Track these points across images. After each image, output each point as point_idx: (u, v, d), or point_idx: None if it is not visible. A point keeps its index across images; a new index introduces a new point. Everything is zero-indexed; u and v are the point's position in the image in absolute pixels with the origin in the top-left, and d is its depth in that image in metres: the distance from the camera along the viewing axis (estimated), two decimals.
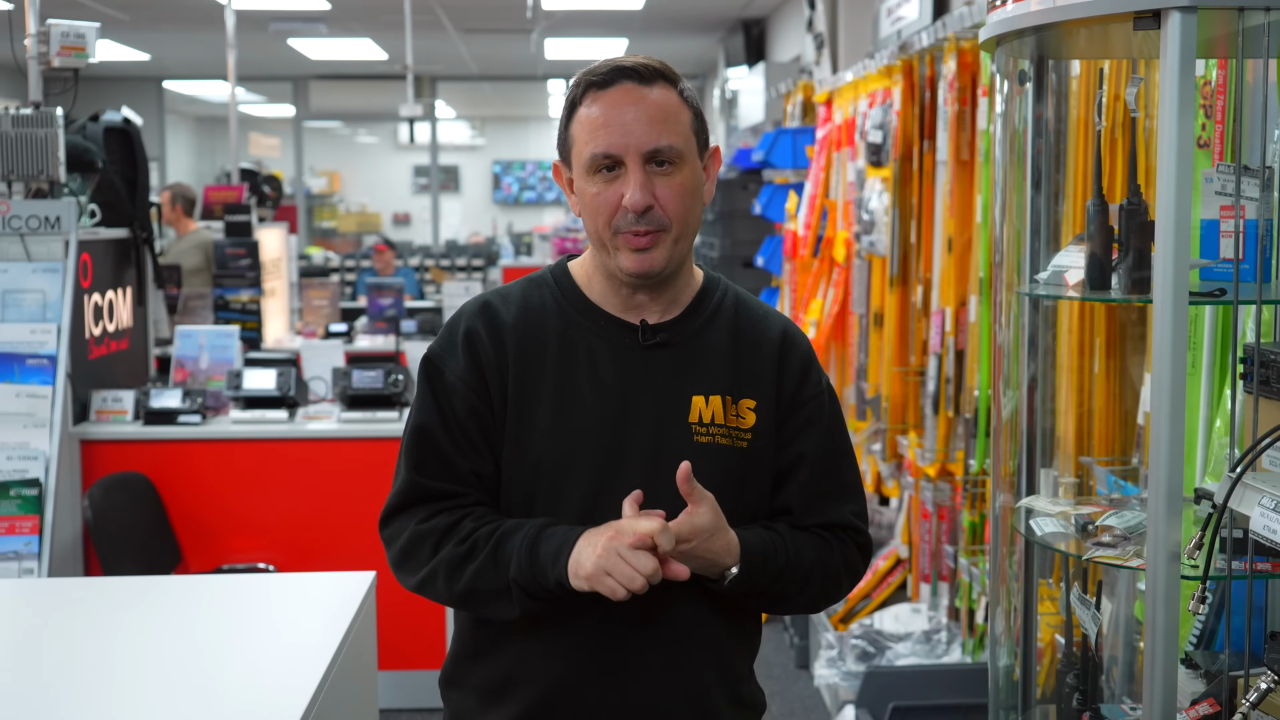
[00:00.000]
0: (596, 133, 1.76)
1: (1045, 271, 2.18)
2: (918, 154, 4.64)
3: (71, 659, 2.22)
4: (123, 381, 4.86)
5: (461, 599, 1.81)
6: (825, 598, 1.88)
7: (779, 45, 10.34)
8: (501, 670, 1.85)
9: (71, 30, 4.47)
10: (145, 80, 15.51)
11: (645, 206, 1.75)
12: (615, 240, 1.78)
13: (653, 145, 1.75)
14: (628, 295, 1.85)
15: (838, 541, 1.87)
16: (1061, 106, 2.74)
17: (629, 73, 1.79)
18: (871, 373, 5.14)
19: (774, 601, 1.85)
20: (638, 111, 1.76)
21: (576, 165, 1.81)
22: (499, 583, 1.76)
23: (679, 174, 1.78)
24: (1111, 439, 2.91)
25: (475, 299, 1.90)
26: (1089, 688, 2.20)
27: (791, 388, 1.87)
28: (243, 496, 4.58)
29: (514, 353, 1.83)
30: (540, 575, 1.73)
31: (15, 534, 4.12)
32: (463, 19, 11.17)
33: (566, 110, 1.83)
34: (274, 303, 7.21)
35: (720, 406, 1.83)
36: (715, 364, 1.84)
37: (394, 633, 3.57)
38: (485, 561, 1.76)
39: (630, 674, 1.81)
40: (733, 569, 1.75)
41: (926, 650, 4.14)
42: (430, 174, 17.49)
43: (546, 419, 1.81)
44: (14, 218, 4.35)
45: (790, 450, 1.86)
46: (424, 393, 1.86)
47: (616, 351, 1.83)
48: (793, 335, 1.91)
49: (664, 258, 1.78)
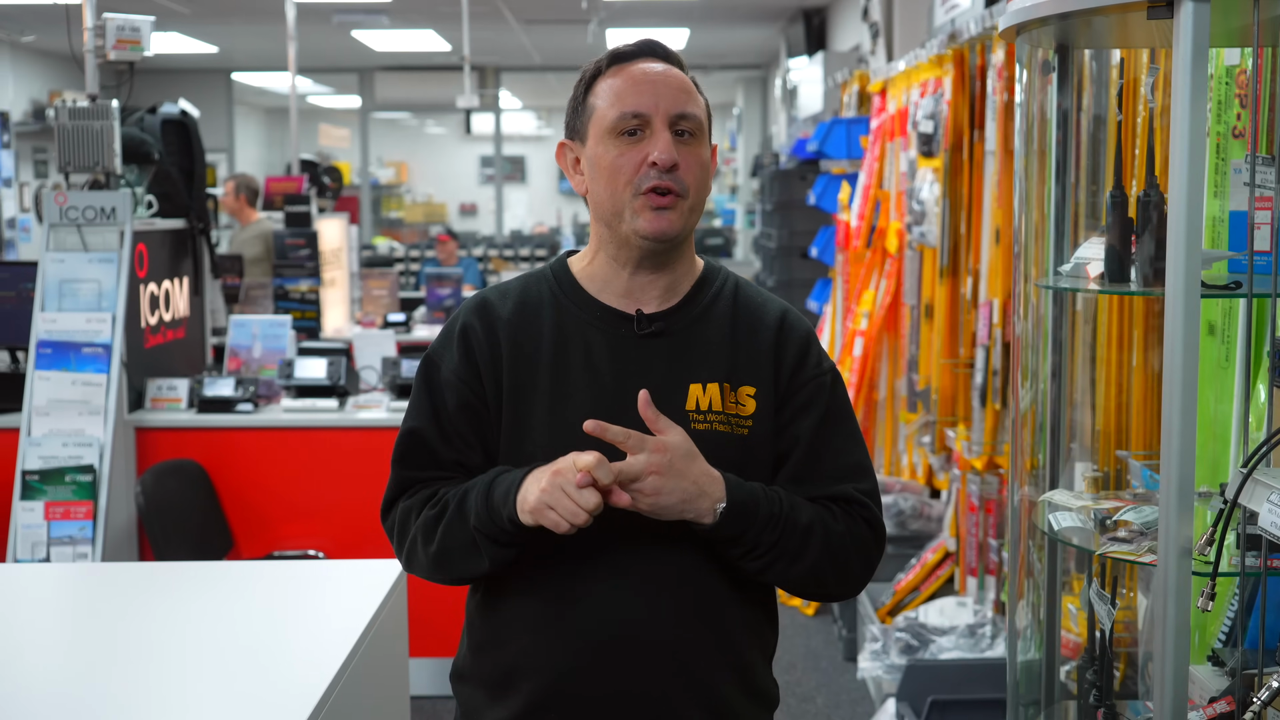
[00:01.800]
0: (624, 94, 1.82)
1: (1068, 263, 2.16)
2: (968, 144, 4.60)
3: (121, 640, 2.38)
4: (179, 370, 4.94)
5: (437, 561, 1.83)
6: (833, 571, 1.82)
7: (839, 34, 10.29)
8: (506, 662, 1.86)
9: (127, 24, 4.54)
10: (214, 72, 15.71)
11: (673, 163, 1.79)
12: (635, 202, 1.80)
13: (680, 109, 1.81)
14: (629, 276, 1.86)
15: (840, 510, 1.84)
16: (1102, 96, 2.71)
17: (654, 49, 1.87)
18: (922, 365, 5.10)
19: (774, 559, 1.78)
20: (665, 78, 1.83)
21: (595, 132, 1.84)
22: (466, 536, 1.79)
23: (698, 146, 1.84)
24: (1149, 433, 2.87)
25: (475, 296, 1.93)
26: (1105, 683, 2.18)
27: (789, 371, 1.87)
28: (294, 484, 4.64)
29: (509, 346, 1.85)
30: (496, 517, 1.75)
31: (70, 519, 4.21)
32: (522, 9, 11.21)
33: (584, 85, 1.87)
34: (334, 292, 7.29)
35: (718, 394, 1.83)
36: (713, 352, 1.85)
37: (427, 620, 3.59)
38: (453, 516, 1.80)
39: (635, 664, 1.81)
40: (720, 501, 1.74)
41: (970, 644, 4.11)
42: (495, 164, 17.56)
43: (542, 410, 1.83)
44: (71, 208, 4.43)
45: (788, 432, 1.86)
46: (419, 389, 1.90)
47: (612, 341, 1.85)
48: (791, 320, 1.91)
49: (680, 222, 1.81)
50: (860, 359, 5.82)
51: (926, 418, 5.04)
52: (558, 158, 1.92)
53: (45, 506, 4.19)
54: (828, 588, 1.85)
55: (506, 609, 1.87)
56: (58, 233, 4.46)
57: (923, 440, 5.10)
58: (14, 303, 4.71)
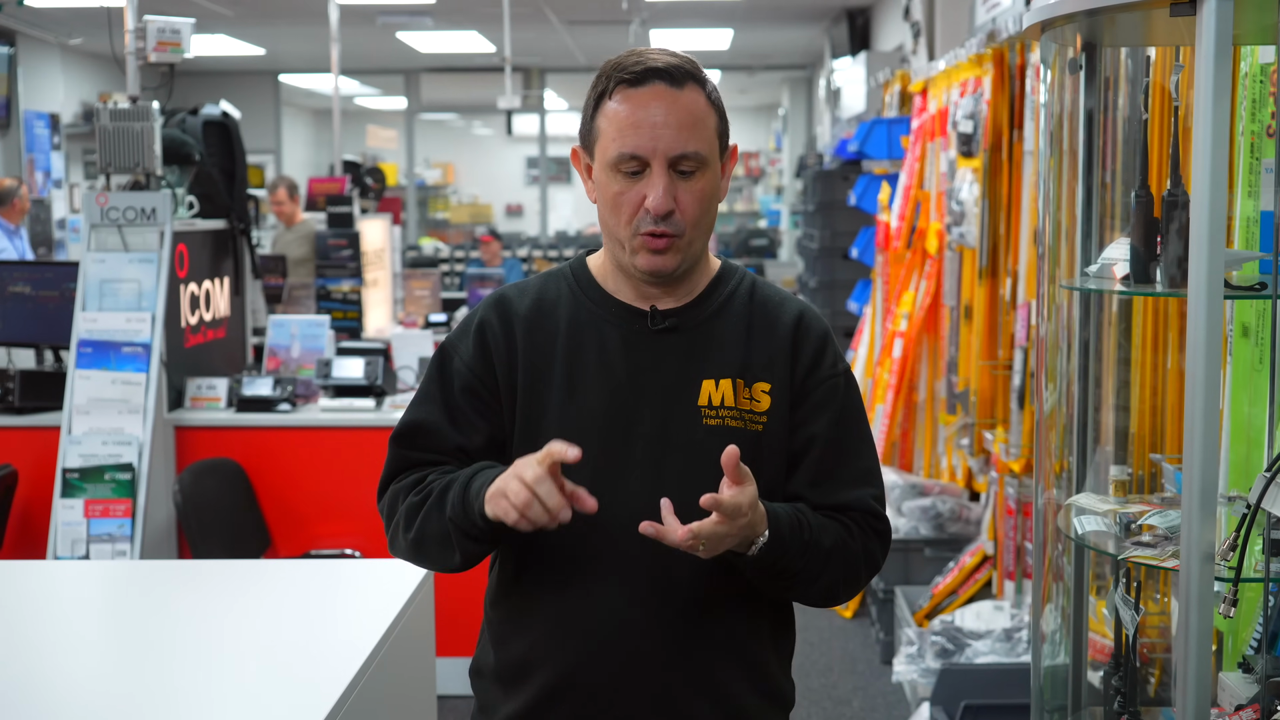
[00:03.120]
0: (625, 132, 1.78)
1: (1095, 264, 2.13)
2: (1007, 144, 4.56)
3: (155, 635, 2.46)
4: (219, 369, 4.98)
5: (414, 547, 1.84)
6: (844, 586, 1.85)
7: (882, 34, 10.24)
8: (519, 656, 1.87)
9: (168, 26, 4.58)
10: (262, 74, 15.84)
11: (667, 211, 1.77)
12: (633, 240, 1.81)
13: (679, 151, 1.77)
14: (643, 287, 1.87)
15: (856, 527, 1.85)
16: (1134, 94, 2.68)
17: (660, 74, 1.79)
18: (961, 366, 5.07)
19: (794, 582, 1.81)
20: (667, 115, 1.77)
21: (600, 158, 1.83)
22: (442, 526, 1.79)
23: (700, 181, 1.80)
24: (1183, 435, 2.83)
25: (495, 292, 1.95)
26: (1130, 690, 2.16)
27: (805, 370, 1.87)
28: (330, 483, 4.67)
29: (524, 340, 1.87)
30: (469, 511, 1.76)
31: (109, 517, 4.25)
32: (565, 10, 11.23)
33: (594, 99, 1.84)
34: (376, 293, 7.32)
35: (731, 390, 1.83)
36: (727, 348, 1.85)
37: (456, 619, 3.60)
38: (432, 506, 1.81)
39: (644, 659, 1.82)
40: (762, 536, 1.74)
41: (1007, 649, 4.08)
42: (540, 165, 17.60)
43: (555, 402, 1.84)
44: (111, 209, 4.48)
45: (801, 433, 1.86)
46: (430, 375, 1.92)
47: (626, 336, 1.86)
48: (809, 318, 1.90)
49: (676, 261, 1.81)
50: (900, 360, 5.79)
51: (965, 420, 5.00)
52: (573, 160, 1.92)
53: (85, 504, 4.24)
54: (835, 600, 1.88)
55: (519, 604, 1.89)
56: (99, 233, 4.50)
57: (961, 442, 5.07)
58: (56, 302, 4.76)
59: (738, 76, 16.23)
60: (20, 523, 4.50)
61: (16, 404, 4.61)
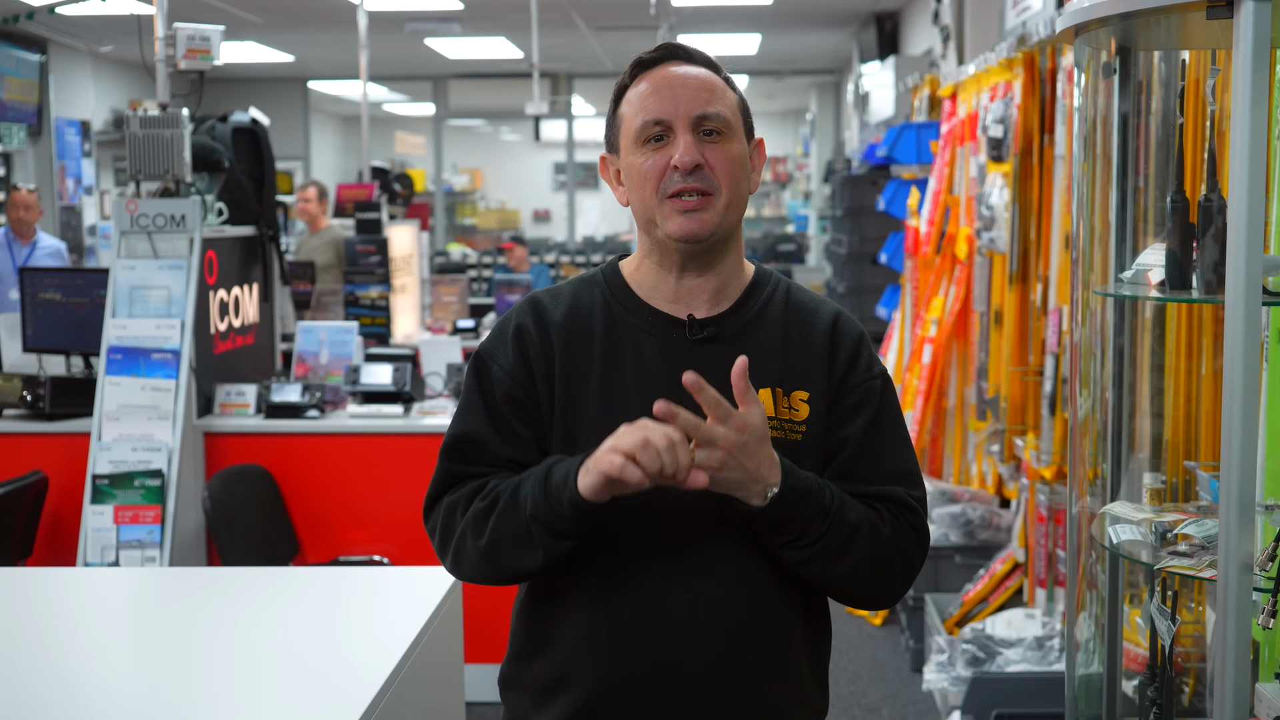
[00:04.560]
0: (646, 101, 1.81)
1: (1129, 270, 2.11)
2: (1038, 148, 4.53)
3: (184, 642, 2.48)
4: (248, 376, 4.99)
5: (487, 555, 1.78)
6: (874, 572, 1.79)
7: (911, 38, 10.21)
8: (554, 669, 1.84)
9: (197, 33, 4.60)
10: (291, 81, 15.89)
11: (694, 164, 1.77)
12: (663, 206, 1.80)
13: (701, 110, 1.80)
14: (676, 281, 1.85)
15: (889, 515, 1.81)
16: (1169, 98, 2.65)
17: (676, 53, 1.85)
18: (991, 372, 5.04)
19: (817, 554, 1.75)
20: (685, 81, 1.82)
21: (625, 142, 1.84)
22: (520, 526, 1.75)
23: (727, 143, 1.81)
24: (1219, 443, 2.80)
25: (527, 297, 1.92)
26: (1166, 701, 2.13)
27: (841, 374, 1.85)
28: (359, 489, 4.67)
29: (561, 349, 1.84)
30: (555, 503, 1.72)
31: (139, 523, 4.26)
32: (593, 16, 11.23)
33: (615, 96, 1.87)
34: (404, 299, 7.34)
35: (770, 399, 1.81)
36: (765, 357, 1.83)
37: (485, 626, 3.60)
38: (505, 506, 1.77)
39: (684, 672, 1.79)
40: (774, 486, 1.71)
41: (1038, 657, 4.05)
42: (567, 170, 17.61)
43: (593, 415, 1.81)
44: (141, 216, 4.49)
45: (837, 434, 1.84)
46: (470, 386, 1.88)
47: (664, 346, 1.83)
48: (844, 323, 1.89)
49: (713, 221, 1.79)
50: (929, 366, 5.76)
51: (996, 426, 4.97)
52: (601, 173, 1.92)
53: (115, 510, 4.25)
54: (868, 590, 1.83)
55: (554, 616, 1.86)
56: (128, 240, 4.52)
57: (992, 449, 5.04)
58: (87, 309, 4.78)
59: (765, 81, 16.20)
60: (50, 529, 4.52)
61: (47, 410, 4.62)
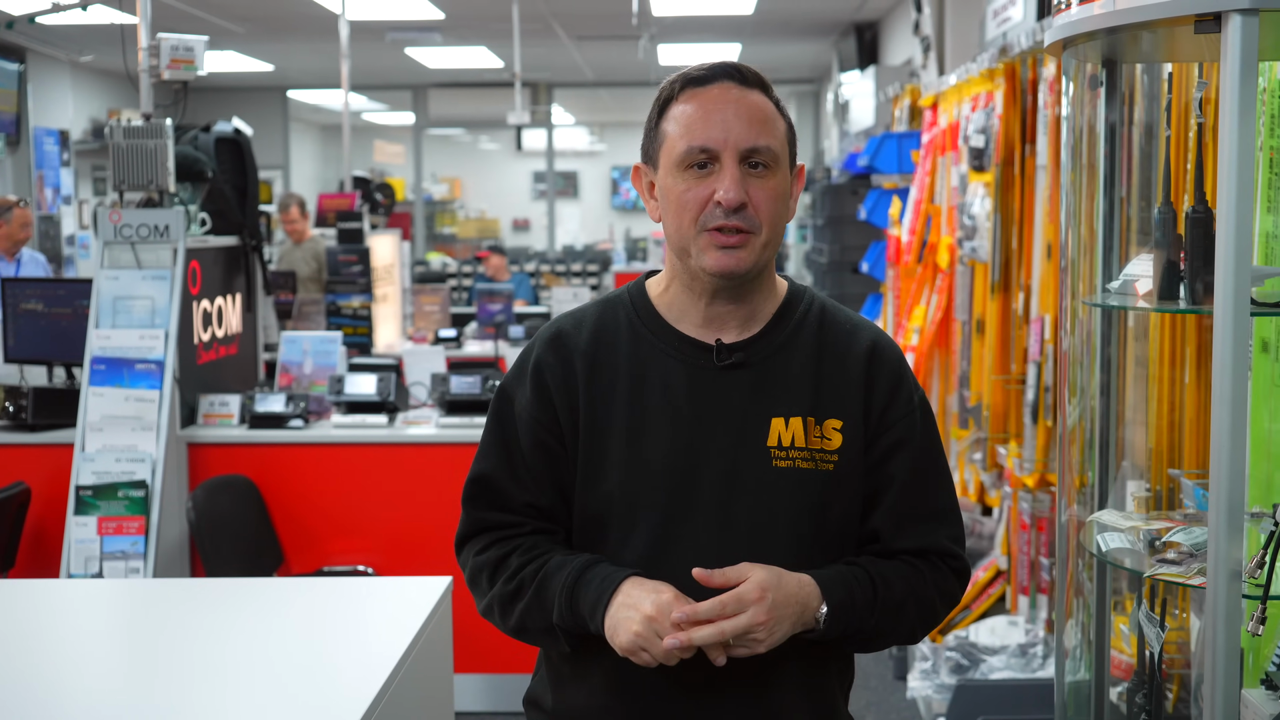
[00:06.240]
0: (694, 126, 1.73)
1: (1116, 280, 2.13)
2: (1019, 158, 4.56)
3: (169, 655, 2.43)
4: (232, 386, 4.98)
5: (516, 633, 1.83)
6: (923, 627, 1.82)
7: (891, 48, 10.25)
8: (580, 702, 1.83)
9: (181, 43, 4.59)
10: (270, 90, 15.87)
11: (740, 203, 1.70)
12: (700, 239, 1.73)
13: (751, 143, 1.72)
14: (705, 306, 1.79)
15: (930, 568, 1.80)
16: (1152, 110, 2.68)
17: (730, 72, 1.76)
18: (973, 381, 5.06)
19: (874, 638, 1.77)
20: (738, 109, 1.73)
21: (665, 162, 1.76)
22: (545, 622, 1.77)
23: (773, 178, 1.74)
24: (1202, 451, 2.82)
25: (549, 325, 1.87)
26: (1155, 708, 2.14)
27: (881, 406, 1.79)
28: (343, 500, 4.66)
29: (584, 380, 1.80)
30: (581, 623, 1.74)
31: (123, 534, 4.25)
32: (574, 26, 11.25)
33: (658, 108, 1.79)
34: (386, 308, 7.33)
35: (801, 428, 1.76)
36: (796, 384, 1.78)
37: (474, 636, 3.60)
38: (531, 601, 1.77)
39: (714, 702, 1.77)
40: (822, 608, 1.70)
41: (1022, 664, 4.07)
42: (547, 180, 17.62)
43: (618, 446, 1.77)
44: (125, 226, 4.48)
45: (880, 473, 1.79)
46: (491, 424, 1.86)
47: (691, 373, 1.78)
48: (882, 348, 1.82)
49: (751, 259, 1.73)
50: None
51: (978, 434, 4.99)
52: (634, 181, 1.85)
53: (98, 521, 4.24)
54: (915, 639, 1.86)
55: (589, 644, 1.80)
56: (112, 250, 4.51)
57: (974, 457, 5.06)
58: (70, 319, 4.77)
59: None
60: (33, 540, 4.50)
61: (29, 421, 4.61)
